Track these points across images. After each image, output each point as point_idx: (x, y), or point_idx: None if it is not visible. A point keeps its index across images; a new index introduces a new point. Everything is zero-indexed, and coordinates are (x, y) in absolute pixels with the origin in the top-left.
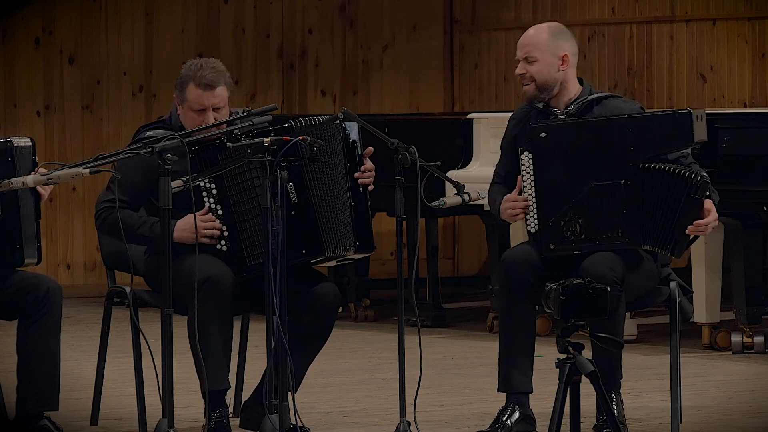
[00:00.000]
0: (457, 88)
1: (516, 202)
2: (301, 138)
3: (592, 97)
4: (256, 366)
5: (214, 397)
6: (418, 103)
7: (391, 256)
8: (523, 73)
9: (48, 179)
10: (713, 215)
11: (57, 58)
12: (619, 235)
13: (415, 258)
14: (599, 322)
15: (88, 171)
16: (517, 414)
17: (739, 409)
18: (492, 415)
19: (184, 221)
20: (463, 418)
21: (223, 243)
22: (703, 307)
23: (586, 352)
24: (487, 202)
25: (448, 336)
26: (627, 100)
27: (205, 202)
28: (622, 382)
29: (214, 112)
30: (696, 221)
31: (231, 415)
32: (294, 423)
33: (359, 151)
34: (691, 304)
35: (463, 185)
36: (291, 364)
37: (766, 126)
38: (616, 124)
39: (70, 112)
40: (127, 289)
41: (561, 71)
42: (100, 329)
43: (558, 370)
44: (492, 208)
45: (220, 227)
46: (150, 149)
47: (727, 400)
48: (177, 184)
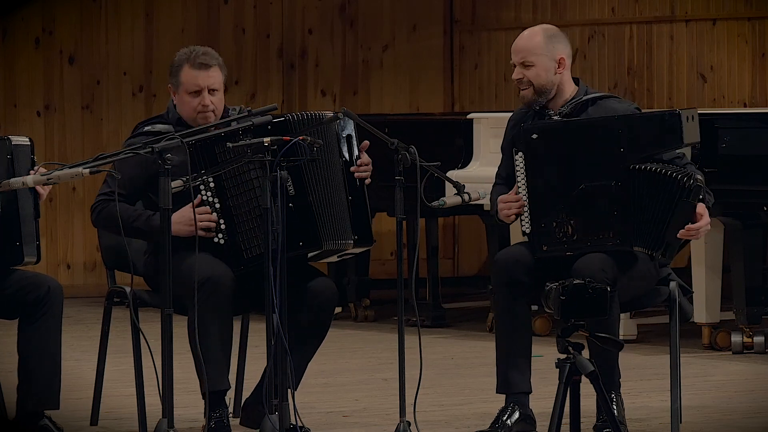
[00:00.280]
0: (457, 88)
1: (510, 202)
2: (301, 138)
3: (586, 97)
4: (256, 366)
5: (213, 398)
6: (418, 103)
7: (391, 256)
8: (520, 78)
9: (48, 179)
10: (706, 219)
11: (57, 58)
12: (611, 236)
13: (415, 258)
14: (594, 323)
15: (88, 171)
16: (517, 414)
17: (739, 409)
18: (492, 415)
19: (179, 214)
20: (463, 418)
21: (220, 236)
22: (703, 307)
23: (585, 352)
24: (487, 202)
25: (448, 336)
26: (623, 100)
27: (202, 195)
28: (622, 382)
29: (210, 95)
30: (688, 225)
31: (231, 415)
32: (294, 423)
33: (355, 146)
34: (691, 304)
35: (463, 185)
36: (291, 362)
37: (766, 126)
38: (605, 124)
39: (70, 112)
40: (127, 289)
41: (558, 74)
42: (100, 329)
43: (558, 370)
44: (492, 208)
45: (215, 219)
46: (150, 149)
47: (727, 400)
48: (177, 184)
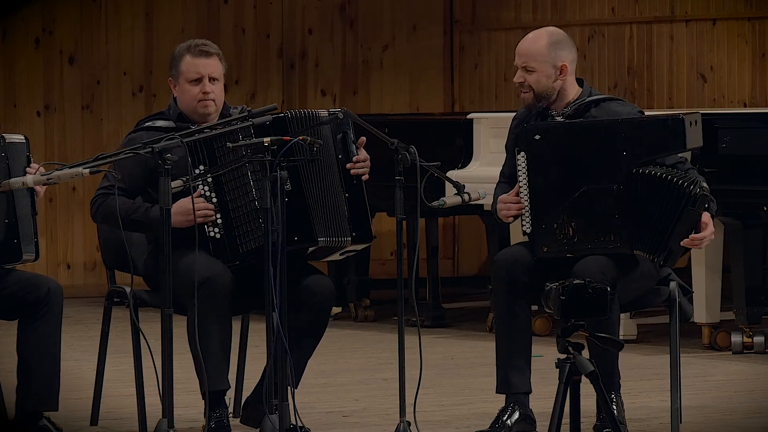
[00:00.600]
0: (457, 88)
1: (510, 203)
2: (301, 138)
3: (589, 99)
4: (256, 366)
5: (213, 398)
6: (418, 103)
7: (391, 256)
8: (521, 82)
9: (48, 179)
10: (710, 229)
11: (57, 58)
12: (612, 239)
13: (415, 258)
14: (594, 324)
15: (88, 171)
16: (517, 414)
17: (739, 409)
18: (492, 415)
19: (177, 206)
20: (463, 418)
21: (216, 230)
22: (703, 307)
23: (585, 352)
24: (487, 202)
25: (448, 336)
26: (626, 103)
27: (200, 188)
28: (622, 383)
29: (211, 84)
30: (692, 235)
31: (231, 415)
32: (294, 423)
33: (351, 142)
34: (691, 304)
35: (463, 185)
36: (291, 362)
37: (766, 126)
38: (608, 127)
39: (70, 112)
40: (127, 289)
41: (559, 81)
42: (100, 329)
43: (558, 370)
44: (493, 206)
45: (212, 208)
46: (150, 149)
47: (727, 400)
48: (177, 184)
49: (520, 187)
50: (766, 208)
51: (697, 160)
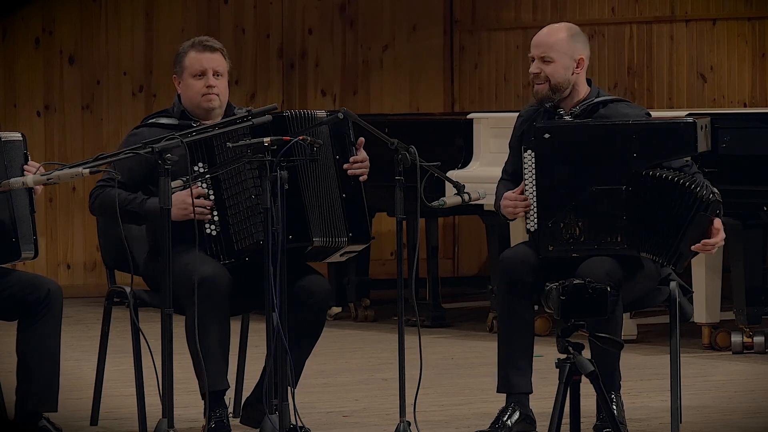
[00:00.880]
0: (457, 88)
1: (516, 201)
2: (301, 138)
3: (598, 99)
4: (256, 366)
5: (213, 398)
6: (418, 103)
7: (391, 256)
8: (537, 73)
9: (48, 179)
10: (722, 235)
11: (57, 58)
12: (618, 240)
13: (415, 258)
14: (597, 325)
15: (88, 171)
16: (517, 414)
17: (739, 409)
18: (492, 415)
19: (174, 197)
20: (463, 418)
21: (213, 227)
22: (703, 307)
23: (585, 352)
24: (487, 203)
25: (448, 336)
26: (633, 105)
27: (198, 186)
28: (622, 383)
29: (215, 79)
30: (704, 240)
31: (231, 415)
32: (294, 423)
33: (349, 143)
34: (691, 304)
35: (463, 185)
36: (291, 361)
37: (766, 126)
38: (619, 129)
39: (70, 112)
40: (127, 289)
41: (575, 74)
42: (100, 329)
43: (558, 370)
44: (495, 203)
45: (210, 203)
46: (150, 149)
47: (727, 400)
48: (177, 183)
49: (526, 185)
50: (766, 208)
51: (697, 159)
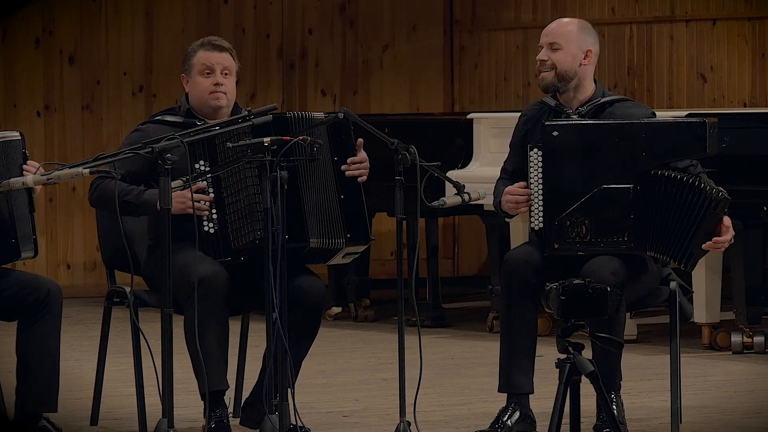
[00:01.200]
0: (457, 88)
1: (518, 195)
2: (301, 138)
3: (604, 99)
4: (257, 366)
5: (212, 398)
6: (418, 103)
7: (391, 256)
8: (544, 60)
9: (48, 179)
10: (731, 233)
11: (57, 58)
12: (625, 239)
13: (415, 258)
14: (599, 324)
15: (88, 171)
16: (518, 414)
17: (739, 409)
18: (492, 415)
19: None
20: (463, 418)
21: (211, 225)
22: (703, 307)
23: (586, 352)
24: (487, 202)
25: (448, 336)
26: (639, 104)
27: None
28: (622, 383)
29: (223, 77)
30: (715, 238)
31: (231, 415)
32: (294, 423)
33: (348, 143)
34: (691, 304)
35: (463, 185)
36: (291, 362)
37: (766, 126)
38: (629, 128)
39: (70, 112)
40: (127, 289)
41: (582, 66)
42: (100, 329)
43: (558, 370)
44: (494, 201)
45: (210, 199)
46: (150, 149)
47: (727, 400)
48: (177, 183)
49: (531, 183)
50: (766, 208)
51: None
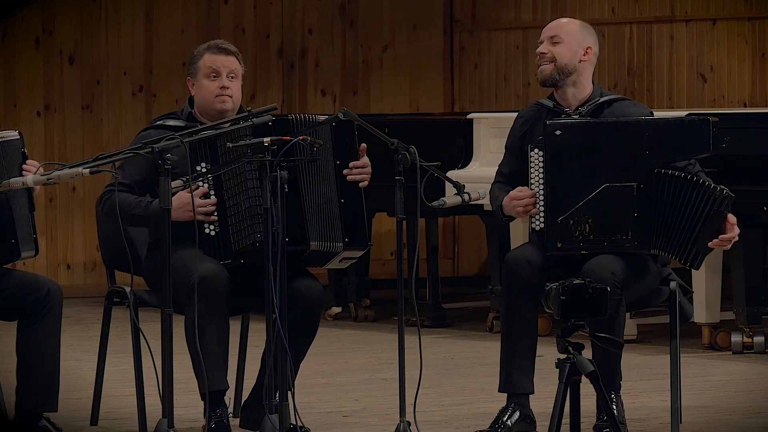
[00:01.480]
0: (457, 88)
1: (526, 198)
2: (301, 138)
3: (603, 99)
4: (257, 366)
5: (212, 398)
6: (418, 103)
7: (391, 256)
8: (544, 53)
9: (48, 179)
10: (737, 230)
11: (57, 58)
12: (629, 237)
13: (415, 258)
14: (599, 324)
15: (88, 171)
16: (518, 414)
17: (739, 409)
18: (492, 415)
19: (177, 200)
20: (463, 418)
21: (212, 227)
22: (703, 307)
23: (586, 352)
24: (487, 202)
25: (448, 336)
26: (637, 104)
27: (201, 185)
28: (622, 383)
29: (229, 80)
30: (722, 236)
31: (231, 415)
32: (294, 423)
33: (351, 148)
34: (691, 304)
35: (463, 185)
36: (291, 362)
37: (766, 126)
38: (632, 126)
39: (70, 112)
40: (127, 289)
41: (582, 62)
42: (100, 329)
43: (558, 370)
44: (493, 205)
45: (214, 202)
46: (150, 149)
47: (727, 400)
48: (177, 184)
49: (532, 184)
50: (766, 208)
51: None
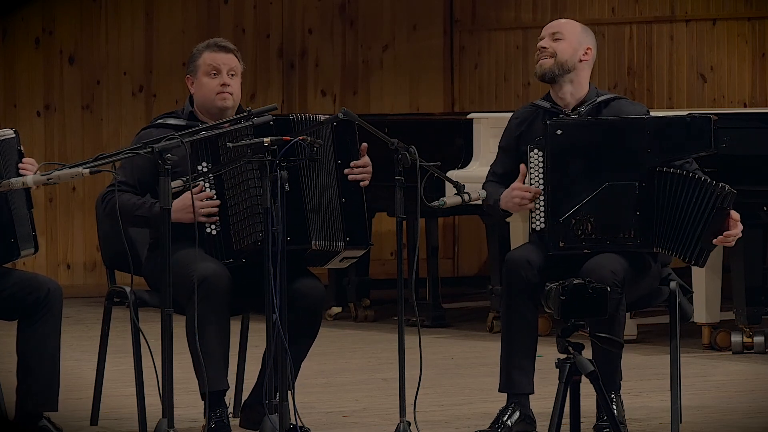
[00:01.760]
0: (457, 88)
1: (527, 192)
2: (301, 138)
3: (600, 99)
4: (257, 366)
5: (213, 398)
6: (418, 103)
7: (391, 256)
8: (545, 47)
9: (48, 179)
10: (740, 226)
11: (57, 58)
12: (631, 236)
13: (415, 258)
14: (599, 324)
15: (88, 171)
16: (518, 414)
17: (739, 409)
18: (492, 415)
19: (180, 202)
20: (463, 418)
21: (213, 227)
22: (703, 307)
23: (586, 352)
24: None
25: (448, 336)
26: (633, 102)
27: (201, 185)
28: (622, 383)
29: (229, 78)
30: (726, 232)
31: (231, 415)
32: (294, 423)
33: (352, 147)
34: (691, 304)
35: (463, 185)
36: (291, 362)
37: (766, 126)
38: (633, 125)
39: (70, 112)
40: (127, 289)
41: (581, 61)
42: (100, 329)
43: (558, 370)
44: (491, 199)
45: (217, 203)
46: (150, 149)
47: (727, 400)
48: (177, 184)
49: (531, 183)
50: (766, 208)
51: (697, 159)
